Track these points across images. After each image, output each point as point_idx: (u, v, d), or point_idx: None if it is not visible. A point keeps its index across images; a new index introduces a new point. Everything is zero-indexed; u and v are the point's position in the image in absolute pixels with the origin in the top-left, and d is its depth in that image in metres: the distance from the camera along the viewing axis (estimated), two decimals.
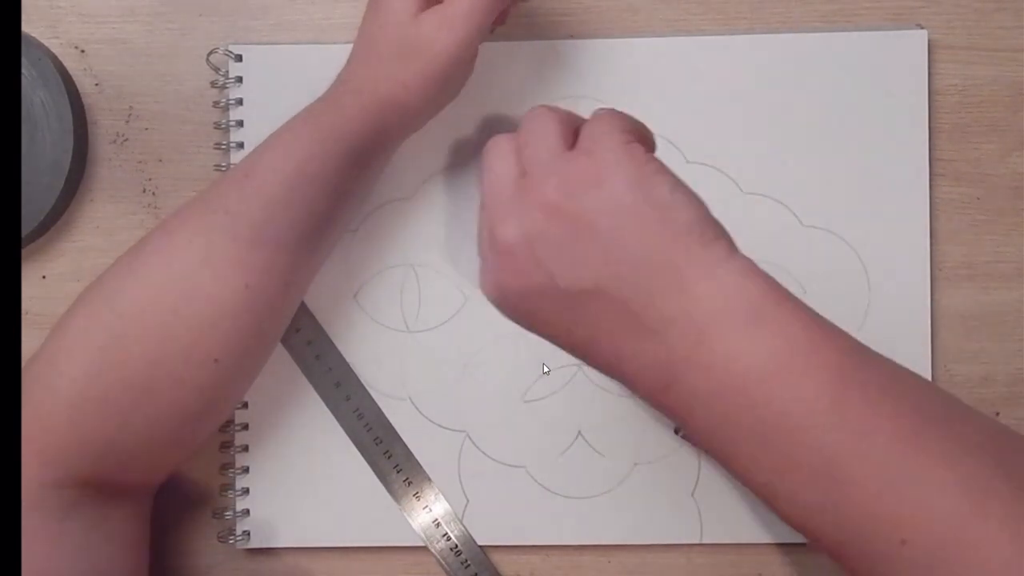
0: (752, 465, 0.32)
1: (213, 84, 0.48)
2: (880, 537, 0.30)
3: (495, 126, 0.48)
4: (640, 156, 0.33)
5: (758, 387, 0.31)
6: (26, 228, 0.46)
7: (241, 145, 0.47)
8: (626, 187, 0.32)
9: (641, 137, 0.35)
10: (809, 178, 0.47)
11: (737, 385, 0.31)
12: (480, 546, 0.47)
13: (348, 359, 0.47)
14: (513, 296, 0.35)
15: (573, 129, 0.35)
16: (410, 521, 0.47)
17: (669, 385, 0.32)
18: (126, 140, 0.49)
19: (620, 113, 0.35)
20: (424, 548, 0.47)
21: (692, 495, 0.46)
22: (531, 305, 0.35)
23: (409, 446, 0.47)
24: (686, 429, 0.34)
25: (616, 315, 0.33)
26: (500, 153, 0.35)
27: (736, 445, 0.32)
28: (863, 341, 0.33)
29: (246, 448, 0.47)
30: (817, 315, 0.32)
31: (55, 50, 0.48)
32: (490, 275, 0.35)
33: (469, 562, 0.47)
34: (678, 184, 0.33)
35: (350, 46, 0.42)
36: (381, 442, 0.47)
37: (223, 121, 0.48)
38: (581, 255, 0.33)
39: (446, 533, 0.47)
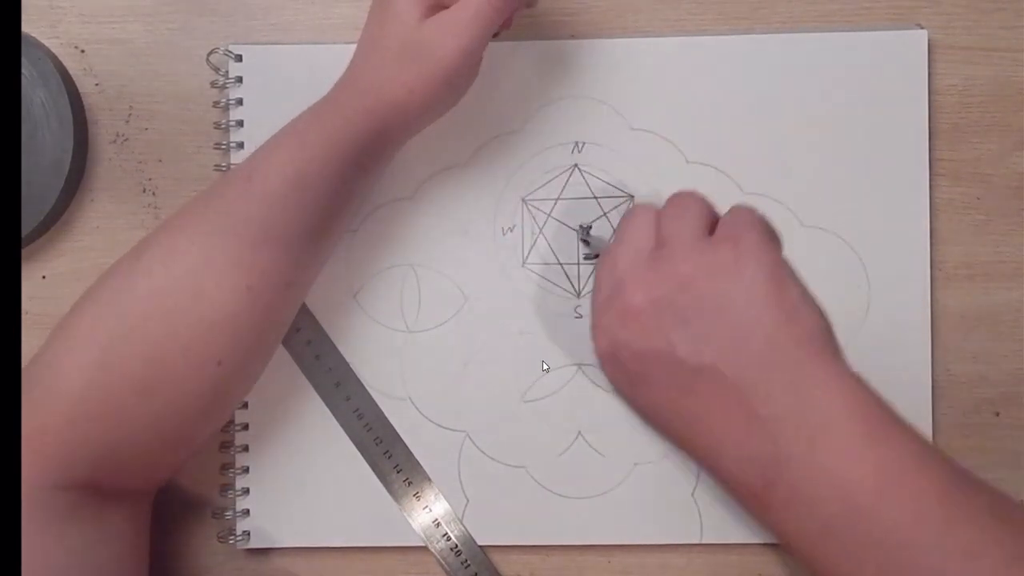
0: (849, 574, 0.32)
1: (213, 84, 0.48)
2: None
3: (496, 126, 0.48)
4: (777, 256, 0.36)
5: (868, 498, 0.32)
6: (26, 228, 0.46)
7: (241, 145, 0.47)
8: (763, 281, 0.34)
9: (773, 236, 0.37)
10: (809, 178, 0.47)
11: (846, 493, 0.32)
12: (480, 546, 0.47)
13: (348, 359, 0.47)
14: (626, 354, 0.37)
15: (713, 217, 0.38)
16: (410, 521, 0.47)
17: (772, 482, 0.33)
18: (126, 140, 0.49)
19: (758, 211, 0.37)
20: (424, 548, 0.47)
21: (692, 495, 0.47)
22: (643, 367, 0.36)
23: (409, 446, 0.47)
24: (777, 531, 0.34)
25: (727, 398, 0.34)
26: (641, 223, 0.38)
27: (834, 553, 0.32)
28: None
29: (246, 448, 0.47)
30: (922, 436, 0.33)
31: (55, 50, 0.48)
32: (608, 331, 0.37)
33: (469, 562, 0.47)
34: (806, 291, 0.36)
35: (350, 46, 0.42)
36: (381, 442, 0.47)
37: (223, 121, 0.48)
38: (705, 331, 0.34)
39: (446, 533, 0.47)
